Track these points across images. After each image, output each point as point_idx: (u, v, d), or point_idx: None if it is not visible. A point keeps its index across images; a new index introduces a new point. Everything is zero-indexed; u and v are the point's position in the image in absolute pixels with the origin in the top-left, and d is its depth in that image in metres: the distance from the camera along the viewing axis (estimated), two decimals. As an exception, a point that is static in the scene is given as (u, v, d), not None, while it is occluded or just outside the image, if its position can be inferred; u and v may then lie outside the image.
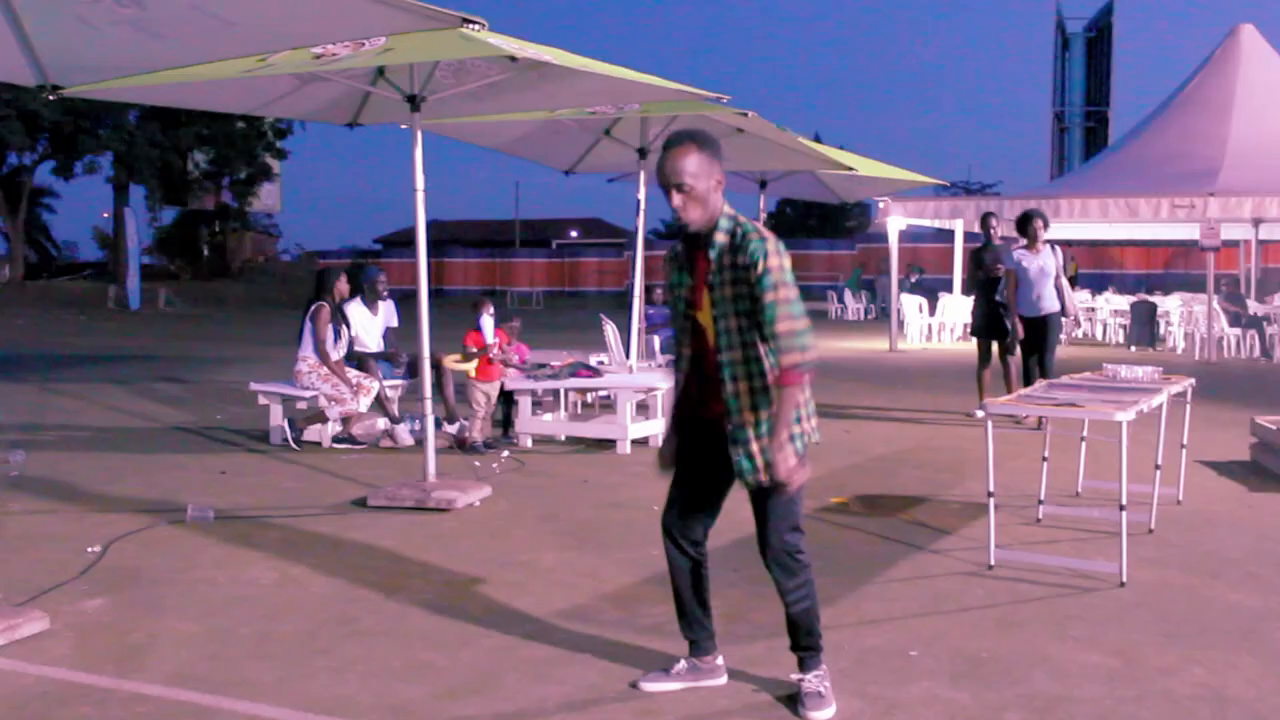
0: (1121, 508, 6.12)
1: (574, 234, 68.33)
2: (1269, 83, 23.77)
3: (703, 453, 4.53)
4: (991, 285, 12.13)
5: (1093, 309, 26.25)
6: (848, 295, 36.71)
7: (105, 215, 55.61)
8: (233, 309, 42.09)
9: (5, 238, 51.26)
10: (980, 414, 12.64)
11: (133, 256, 43.03)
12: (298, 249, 69.56)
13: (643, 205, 11.10)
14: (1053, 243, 11.59)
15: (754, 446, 4.29)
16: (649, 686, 4.65)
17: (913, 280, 30.98)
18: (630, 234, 11.90)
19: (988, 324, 12.20)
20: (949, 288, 27.13)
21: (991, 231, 12.72)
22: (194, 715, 4.46)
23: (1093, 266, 43.01)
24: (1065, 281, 11.52)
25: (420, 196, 8.20)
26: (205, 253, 56.62)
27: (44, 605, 5.62)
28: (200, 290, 48.17)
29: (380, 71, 8.48)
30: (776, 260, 4.19)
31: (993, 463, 6.45)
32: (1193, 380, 7.80)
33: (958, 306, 25.08)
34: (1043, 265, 11.39)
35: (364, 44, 7.19)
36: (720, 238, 4.29)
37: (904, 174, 15.82)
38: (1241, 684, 4.76)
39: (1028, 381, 10.83)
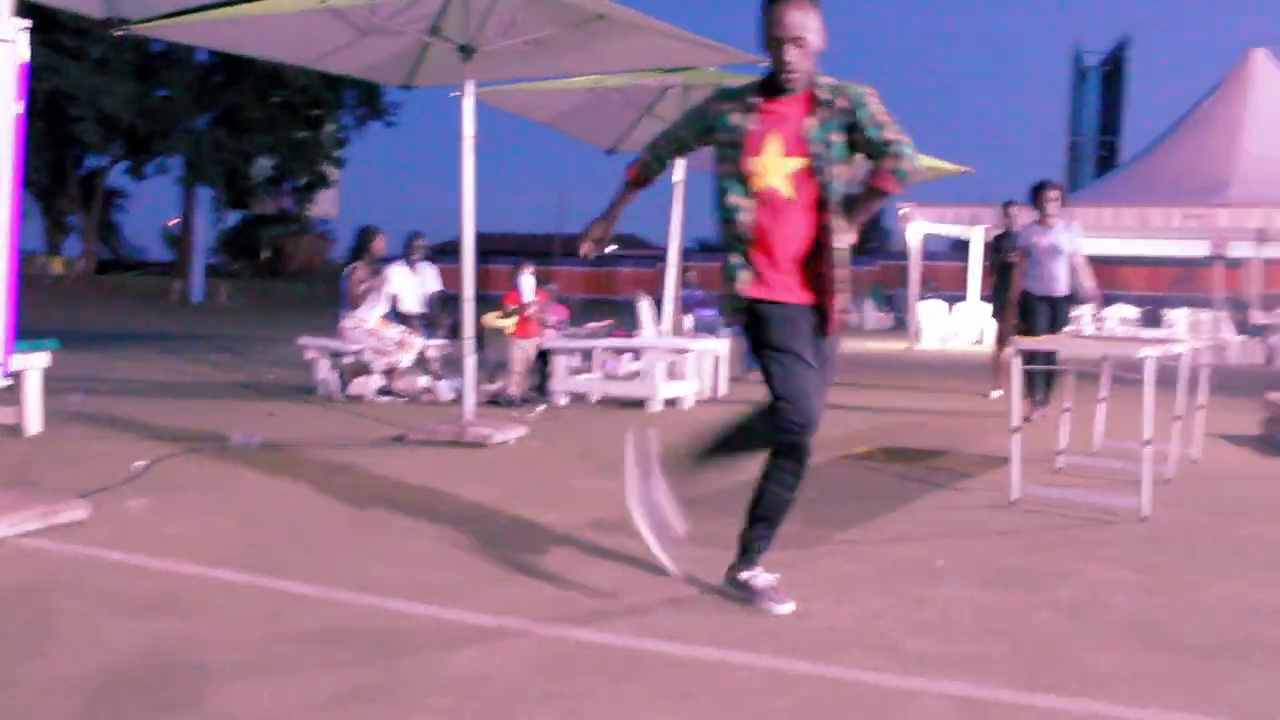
0: (1145, 443, 5.79)
1: (611, 248, 68.06)
2: (1279, 104, 23.34)
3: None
4: (1010, 270, 11.75)
5: (1102, 318, 25.75)
6: (868, 306, 36.24)
7: (173, 222, 55.74)
8: (290, 306, 41.99)
9: (80, 235, 51.38)
10: (997, 394, 12.35)
11: (198, 253, 43.13)
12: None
13: (681, 174, 10.86)
14: (1069, 220, 10.63)
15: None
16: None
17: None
18: (661, 249, 11.67)
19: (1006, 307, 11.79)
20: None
21: (1011, 218, 12.36)
22: (224, 589, 4.21)
23: (1101, 286, 42.34)
24: (1082, 260, 10.40)
25: (468, 144, 7.95)
26: (265, 254, 56.69)
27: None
28: (259, 289, 48.15)
29: (435, 29, 8.27)
30: (875, 99, 3.94)
31: (1017, 407, 6.17)
32: (1209, 341, 7.47)
33: (973, 312, 24.68)
34: (1054, 242, 10.26)
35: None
36: (822, 94, 3.94)
37: (927, 160, 15.44)
38: (1269, 597, 4.43)
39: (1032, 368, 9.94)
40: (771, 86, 4.02)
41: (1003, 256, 11.98)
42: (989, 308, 12.81)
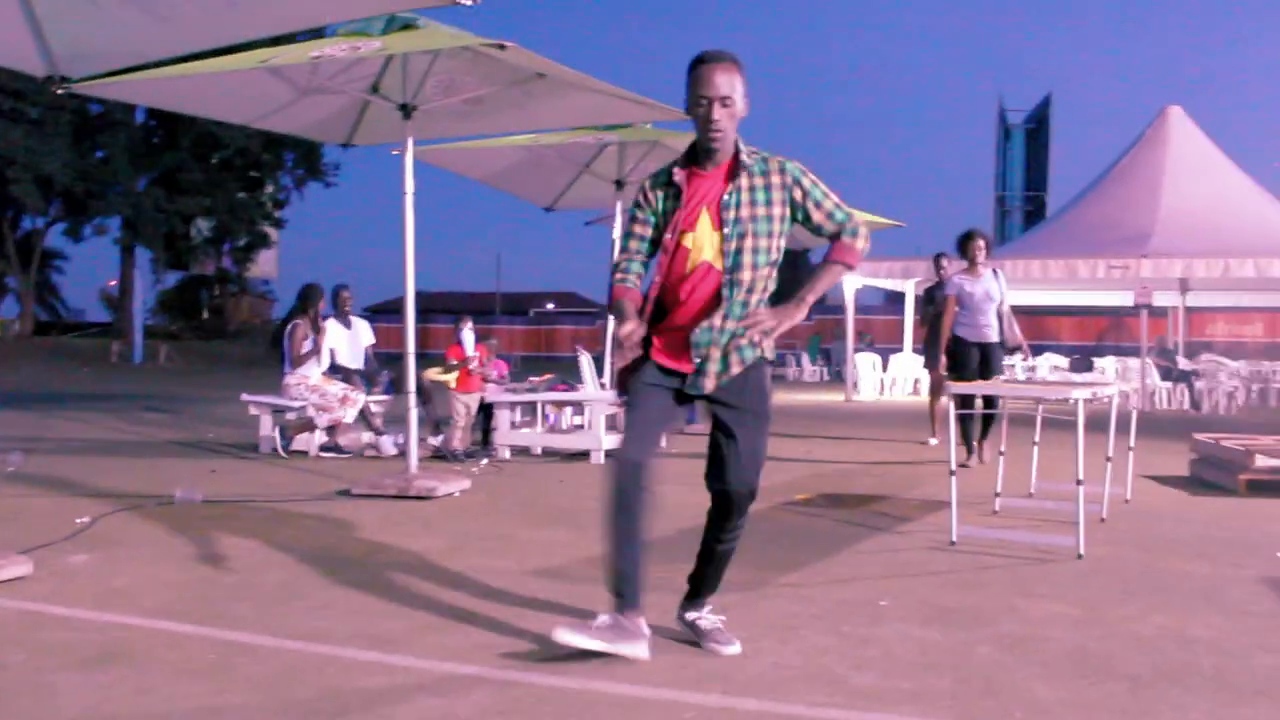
0: (1078, 482, 5.89)
1: (550, 306, 68.26)
2: (1196, 158, 23.85)
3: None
4: (940, 319, 11.87)
5: (1033, 367, 26.08)
6: (805, 360, 36.43)
7: (111, 284, 54.99)
8: (230, 367, 41.61)
9: (16, 296, 50.65)
10: (934, 442, 12.46)
11: (137, 314, 42.61)
12: (292, 314, 68.83)
13: (619, 230, 10.91)
14: (996, 269, 10.60)
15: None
16: (564, 637, 3.89)
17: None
18: (601, 306, 11.67)
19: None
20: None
21: (943, 270, 12.54)
22: (171, 641, 4.16)
23: (1031, 337, 42.84)
24: (1009, 309, 10.52)
25: (409, 201, 7.97)
26: (205, 315, 56.15)
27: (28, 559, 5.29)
28: (199, 349, 47.60)
29: (375, 88, 8.32)
30: (811, 174, 3.99)
31: (954, 450, 6.25)
32: (1138, 385, 7.61)
33: (908, 364, 24.92)
34: (985, 290, 10.29)
35: (359, 47, 7.04)
36: (746, 159, 3.93)
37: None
38: (1203, 628, 4.51)
39: (966, 415, 9.95)
40: (695, 156, 4.01)
41: (935, 307, 12.13)
42: (923, 358, 12.94)
